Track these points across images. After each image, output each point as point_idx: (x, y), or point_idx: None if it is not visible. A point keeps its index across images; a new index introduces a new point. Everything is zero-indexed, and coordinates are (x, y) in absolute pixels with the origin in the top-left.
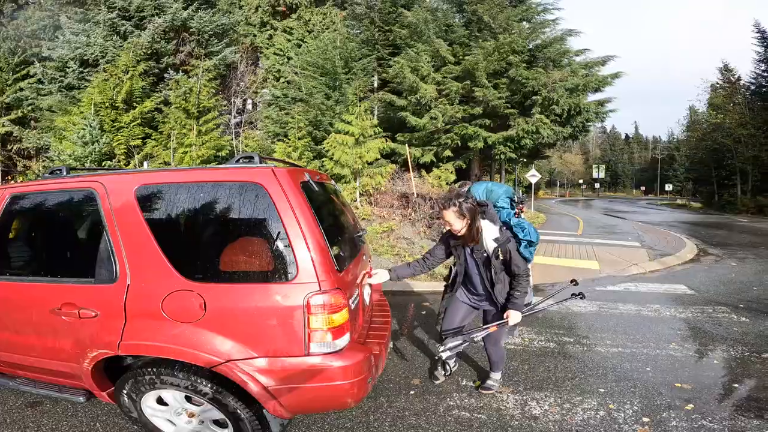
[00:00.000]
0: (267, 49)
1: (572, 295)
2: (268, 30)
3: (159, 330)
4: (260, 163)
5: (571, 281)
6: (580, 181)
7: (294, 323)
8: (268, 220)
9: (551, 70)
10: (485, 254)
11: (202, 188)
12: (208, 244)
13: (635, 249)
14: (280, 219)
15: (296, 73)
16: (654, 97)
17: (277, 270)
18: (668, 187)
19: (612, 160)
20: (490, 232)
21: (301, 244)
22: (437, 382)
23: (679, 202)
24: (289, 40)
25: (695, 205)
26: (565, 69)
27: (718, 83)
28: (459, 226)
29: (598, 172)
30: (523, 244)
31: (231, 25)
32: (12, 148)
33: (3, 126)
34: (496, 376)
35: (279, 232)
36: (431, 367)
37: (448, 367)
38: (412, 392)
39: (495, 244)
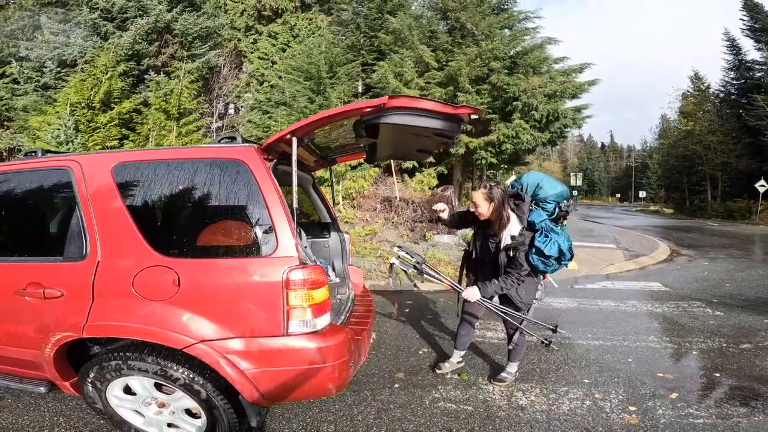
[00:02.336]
0: (251, 53)
1: (543, 342)
2: (253, 34)
3: (128, 309)
4: (243, 143)
5: (553, 327)
6: None
7: (272, 300)
8: (248, 194)
9: (531, 77)
10: (498, 245)
11: (181, 165)
12: (184, 219)
13: (612, 250)
14: (261, 194)
15: (280, 77)
16: (629, 106)
17: (255, 244)
18: (642, 194)
19: (589, 168)
20: (512, 228)
21: (282, 217)
22: (440, 372)
23: (652, 208)
24: (273, 45)
25: (667, 211)
26: (544, 75)
27: (688, 91)
28: (484, 209)
29: (576, 180)
30: (533, 250)
31: (215, 28)
32: None
33: None
34: (512, 368)
35: (259, 207)
36: (434, 363)
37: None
38: (396, 385)
39: (510, 241)
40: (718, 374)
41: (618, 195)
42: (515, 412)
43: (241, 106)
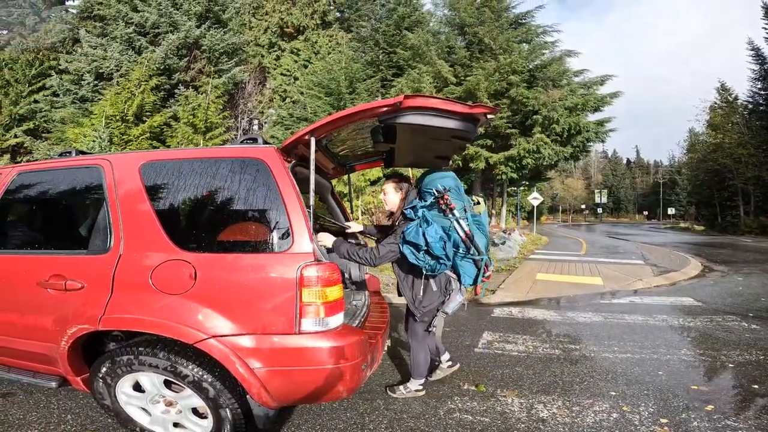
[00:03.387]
0: (274, 69)
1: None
2: (276, 51)
3: (144, 302)
4: (264, 144)
5: None
6: (583, 207)
7: (285, 296)
8: (266, 192)
9: (551, 90)
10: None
11: (204, 163)
12: (204, 214)
13: (639, 266)
14: (280, 192)
15: (302, 93)
16: (655, 121)
17: (272, 240)
18: (671, 211)
19: (614, 185)
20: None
21: (298, 215)
22: (431, 379)
23: (682, 225)
24: (295, 61)
25: (698, 228)
26: (564, 88)
27: (716, 103)
28: (395, 199)
29: (601, 197)
30: (401, 239)
31: (241, 44)
32: (22, 160)
33: (15, 137)
34: (413, 384)
35: (277, 204)
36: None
37: None
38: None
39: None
40: (756, 386)
41: (645, 212)
42: (535, 424)
43: (265, 122)
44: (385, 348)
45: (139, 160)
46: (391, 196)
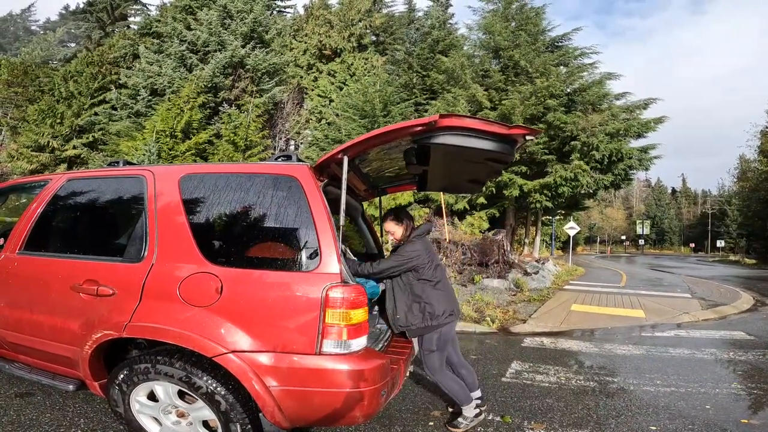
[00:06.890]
0: (312, 90)
1: None
2: (313, 72)
3: (169, 313)
4: (297, 162)
5: None
6: (623, 238)
7: (308, 316)
8: (297, 210)
9: (590, 114)
10: None
11: (239, 178)
12: (235, 229)
13: (686, 299)
14: (310, 211)
15: (337, 115)
16: (704, 148)
17: (299, 259)
18: (720, 243)
19: (658, 215)
20: None
21: (328, 235)
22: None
23: (731, 258)
24: (332, 83)
25: (750, 261)
26: (605, 113)
27: (767, 128)
28: (400, 234)
29: (643, 228)
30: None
31: (281, 65)
32: (77, 170)
33: (74, 148)
34: (468, 411)
35: (307, 223)
36: (450, 418)
37: None
38: (431, 423)
39: None
40: None
41: (692, 244)
42: None
43: (300, 143)
44: (407, 374)
45: (179, 173)
46: (398, 233)
